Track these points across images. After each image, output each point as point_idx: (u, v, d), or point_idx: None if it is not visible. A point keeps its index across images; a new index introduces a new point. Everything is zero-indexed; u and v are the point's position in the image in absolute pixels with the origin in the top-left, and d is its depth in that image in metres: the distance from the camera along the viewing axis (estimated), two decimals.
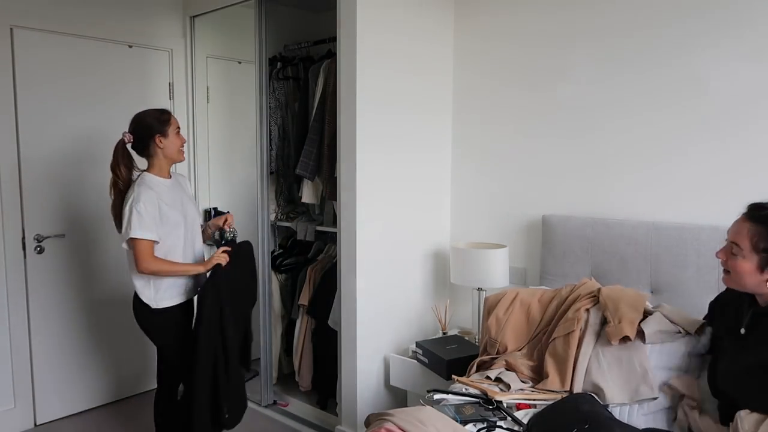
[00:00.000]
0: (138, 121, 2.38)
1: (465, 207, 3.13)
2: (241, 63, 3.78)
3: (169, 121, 2.38)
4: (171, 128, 2.38)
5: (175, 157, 2.43)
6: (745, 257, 1.48)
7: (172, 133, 2.38)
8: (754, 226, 1.48)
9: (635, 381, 1.89)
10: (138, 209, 2.24)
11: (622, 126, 2.54)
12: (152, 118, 2.36)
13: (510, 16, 2.87)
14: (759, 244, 1.46)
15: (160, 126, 2.36)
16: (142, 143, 2.37)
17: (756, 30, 2.19)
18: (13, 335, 2.99)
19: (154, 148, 2.36)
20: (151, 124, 2.35)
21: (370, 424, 1.82)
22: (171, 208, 2.37)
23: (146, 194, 2.28)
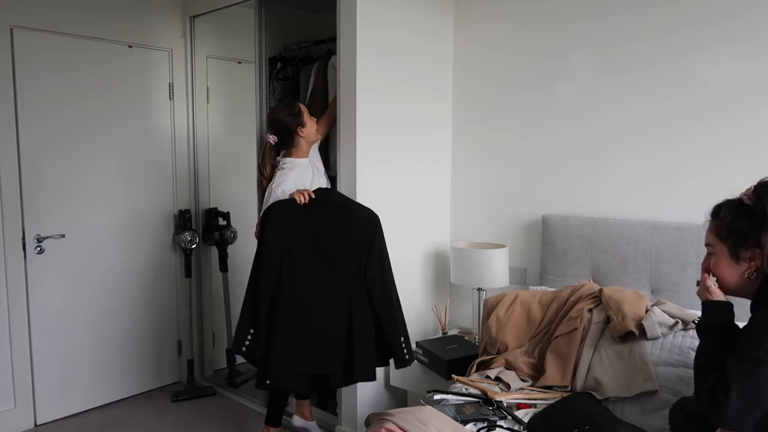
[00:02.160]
0: (278, 123, 2.64)
1: (465, 207, 3.13)
2: (241, 63, 3.78)
3: (301, 111, 2.63)
4: (305, 116, 2.63)
5: (314, 138, 2.70)
6: (718, 252, 1.52)
7: (307, 120, 2.63)
8: (714, 222, 1.55)
9: (635, 374, 1.90)
10: (276, 191, 2.51)
11: (622, 126, 2.54)
12: (288, 116, 2.61)
13: (509, 16, 2.87)
14: (722, 232, 1.51)
15: (297, 119, 2.61)
16: (287, 140, 2.64)
17: (756, 30, 2.19)
18: (13, 335, 2.99)
19: (298, 139, 2.63)
20: (290, 122, 2.61)
21: (370, 424, 1.82)
22: (310, 184, 2.60)
23: (289, 178, 2.55)
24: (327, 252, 2.40)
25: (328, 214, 2.45)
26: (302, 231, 2.40)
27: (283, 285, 2.34)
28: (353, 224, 2.45)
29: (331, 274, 2.39)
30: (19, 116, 2.95)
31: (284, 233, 2.39)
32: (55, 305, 3.13)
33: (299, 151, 2.66)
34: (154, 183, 3.50)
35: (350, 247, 2.41)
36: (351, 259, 2.40)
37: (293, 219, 2.40)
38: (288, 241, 2.38)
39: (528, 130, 2.84)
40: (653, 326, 1.97)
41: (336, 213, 2.47)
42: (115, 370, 3.40)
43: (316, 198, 2.45)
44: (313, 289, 2.37)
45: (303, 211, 2.41)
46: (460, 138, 3.11)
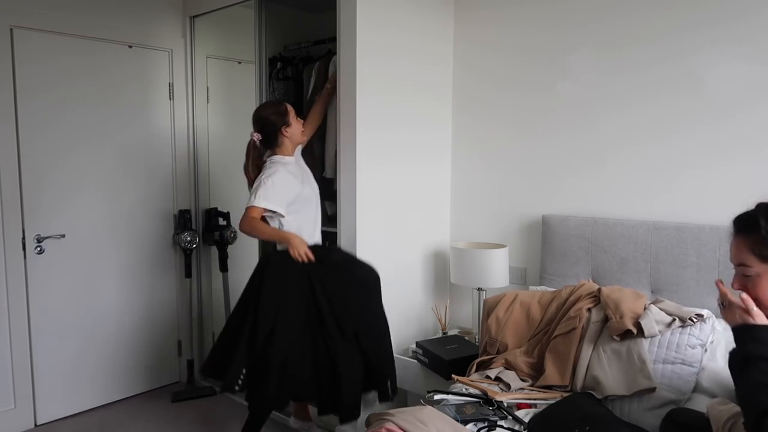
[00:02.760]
0: (262, 121, 2.56)
1: (465, 207, 3.13)
2: (241, 63, 3.78)
3: (287, 111, 2.56)
4: (291, 116, 2.56)
5: (299, 139, 2.63)
6: (759, 274, 1.34)
7: (293, 120, 2.56)
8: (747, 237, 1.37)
9: (633, 372, 1.91)
10: (266, 182, 2.42)
11: (622, 126, 2.54)
12: (273, 114, 2.55)
13: (509, 17, 2.87)
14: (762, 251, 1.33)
15: (282, 118, 2.54)
16: (271, 138, 2.56)
17: (756, 31, 2.19)
18: (13, 335, 2.98)
19: (282, 139, 2.56)
20: (275, 120, 2.54)
21: (370, 424, 1.82)
22: (301, 183, 2.55)
23: (280, 171, 2.47)
24: (321, 311, 2.39)
25: (327, 278, 2.43)
26: (302, 287, 2.40)
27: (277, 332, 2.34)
28: (351, 290, 2.46)
29: (322, 327, 2.39)
30: (19, 116, 2.95)
31: (284, 285, 2.39)
32: (55, 305, 3.13)
33: (284, 150, 2.60)
34: (154, 183, 3.50)
35: (345, 313, 2.41)
36: (343, 322, 2.40)
37: (295, 272, 2.40)
38: (287, 293, 2.38)
39: (528, 130, 2.84)
40: (651, 324, 1.98)
41: (336, 278, 2.45)
42: (115, 370, 3.40)
43: (318, 257, 2.43)
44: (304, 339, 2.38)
45: (305, 268, 2.41)
46: (460, 138, 3.11)
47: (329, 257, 2.51)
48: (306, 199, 2.57)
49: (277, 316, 2.35)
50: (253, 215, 2.41)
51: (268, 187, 2.42)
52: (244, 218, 2.41)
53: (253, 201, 2.40)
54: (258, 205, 2.40)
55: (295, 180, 2.54)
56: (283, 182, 2.47)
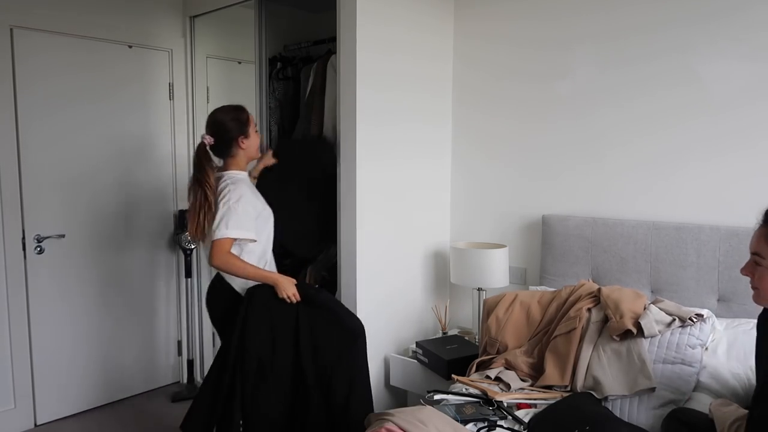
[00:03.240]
0: (218, 124, 2.28)
1: (465, 207, 3.13)
2: (241, 63, 3.77)
3: (248, 120, 2.30)
4: (251, 127, 2.31)
5: (255, 155, 2.38)
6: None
7: (252, 132, 2.32)
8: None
9: (634, 372, 1.91)
10: (236, 208, 2.15)
11: (622, 126, 2.54)
12: (232, 120, 2.27)
13: (509, 13, 2.87)
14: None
15: (241, 127, 2.28)
16: (223, 147, 2.28)
17: (756, 29, 2.19)
18: (13, 335, 2.98)
19: (237, 150, 2.28)
20: (232, 127, 2.27)
21: (370, 424, 1.82)
22: (261, 202, 2.34)
23: (246, 192, 2.22)
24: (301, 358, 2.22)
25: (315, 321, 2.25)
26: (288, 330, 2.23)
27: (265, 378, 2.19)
28: (336, 335, 2.28)
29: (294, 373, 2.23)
30: (19, 116, 2.95)
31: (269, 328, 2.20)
32: (55, 305, 3.13)
33: (238, 164, 2.31)
34: (154, 183, 3.50)
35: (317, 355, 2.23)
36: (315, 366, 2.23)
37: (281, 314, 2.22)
38: (273, 338, 2.20)
39: (528, 130, 2.84)
40: (650, 324, 1.97)
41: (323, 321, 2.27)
42: (115, 370, 3.40)
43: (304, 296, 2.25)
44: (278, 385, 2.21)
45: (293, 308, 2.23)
46: (461, 138, 3.11)
47: (317, 297, 2.30)
48: (266, 219, 2.34)
49: (263, 363, 2.17)
50: (227, 249, 2.14)
51: (239, 214, 2.15)
52: (216, 253, 2.12)
53: (226, 232, 2.12)
54: (232, 236, 2.13)
55: (256, 198, 2.32)
56: (250, 204, 2.23)
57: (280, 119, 3.39)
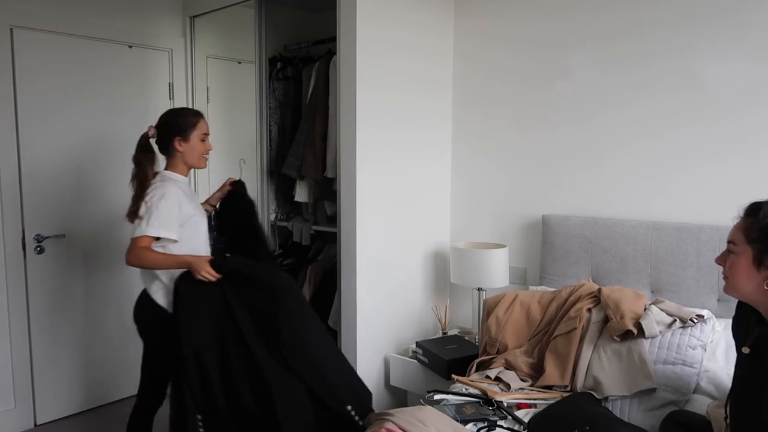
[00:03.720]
0: (164, 118, 2.28)
1: (465, 207, 3.13)
2: (241, 63, 3.77)
3: (194, 126, 2.25)
4: (195, 133, 2.25)
5: (194, 163, 2.30)
6: (740, 253, 1.40)
7: (194, 139, 2.26)
8: (747, 220, 1.42)
9: (634, 373, 1.91)
10: (158, 205, 2.10)
11: (622, 126, 2.54)
12: (177, 118, 2.25)
13: (509, 14, 2.87)
14: (751, 234, 1.38)
15: (183, 129, 2.23)
16: (162, 141, 2.26)
17: (756, 29, 2.19)
18: (13, 335, 2.98)
19: (174, 151, 2.25)
20: (173, 126, 2.24)
21: (370, 424, 1.82)
22: (194, 206, 2.29)
23: (171, 191, 2.16)
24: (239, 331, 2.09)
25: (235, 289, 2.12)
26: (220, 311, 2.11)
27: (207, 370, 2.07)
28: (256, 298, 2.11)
29: (244, 352, 2.07)
30: (19, 116, 2.95)
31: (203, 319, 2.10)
32: (54, 305, 3.13)
33: (177, 166, 2.28)
34: None
35: (256, 325, 2.09)
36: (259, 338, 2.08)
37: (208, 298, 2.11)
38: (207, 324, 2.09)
39: (528, 130, 2.84)
40: (651, 325, 1.97)
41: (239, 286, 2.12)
42: (115, 370, 3.39)
43: (222, 272, 2.12)
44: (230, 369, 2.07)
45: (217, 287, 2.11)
46: (461, 138, 3.11)
47: (227, 265, 2.17)
48: (196, 224, 2.27)
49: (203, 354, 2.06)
50: (142, 245, 2.09)
51: (161, 212, 2.10)
52: (131, 249, 2.09)
53: (146, 229, 2.07)
54: (151, 234, 2.08)
55: (187, 200, 2.25)
56: (176, 204, 2.16)
57: (280, 119, 3.39)
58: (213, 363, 2.06)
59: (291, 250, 3.58)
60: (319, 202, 3.33)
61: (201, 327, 2.10)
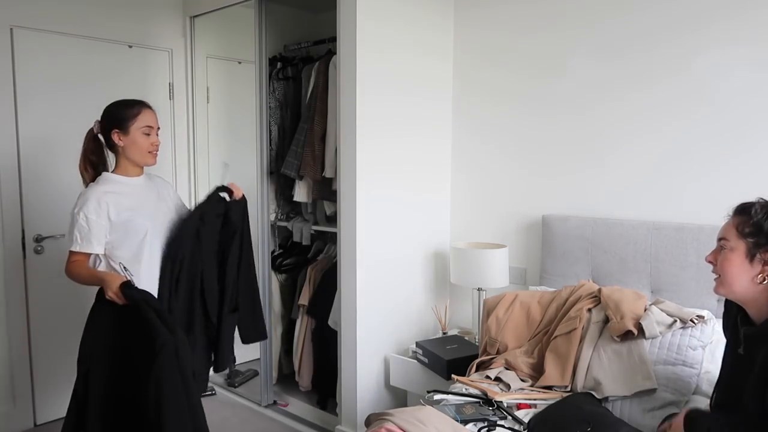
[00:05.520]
0: (103, 112, 2.08)
1: (465, 207, 3.13)
2: (241, 63, 3.78)
3: (134, 117, 2.04)
4: (134, 125, 2.03)
5: (139, 159, 2.08)
6: (733, 248, 1.43)
7: (135, 132, 2.04)
8: (738, 217, 1.45)
9: (634, 373, 1.91)
10: (77, 218, 1.97)
11: (622, 126, 2.54)
12: (117, 109, 2.05)
13: (510, 11, 2.87)
14: (744, 229, 1.41)
15: (121, 120, 2.03)
16: (104, 135, 2.07)
17: (755, 28, 2.19)
18: (13, 335, 2.98)
19: (114, 143, 2.05)
20: (111, 116, 2.05)
21: (370, 424, 1.82)
22: (133, 211, 2.04)
23: (91, 199, 1.98)
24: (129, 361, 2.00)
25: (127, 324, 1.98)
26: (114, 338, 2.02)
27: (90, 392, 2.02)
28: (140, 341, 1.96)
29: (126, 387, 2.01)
30: (18, 116, 2.95)
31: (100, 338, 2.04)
32: (54, 305, 3.13)
33: (122, 165, 2.08)
34: None
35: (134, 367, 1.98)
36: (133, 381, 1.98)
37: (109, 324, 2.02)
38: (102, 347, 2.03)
39: (529, 131, 2.84)
40: (651, 325, 1.97)
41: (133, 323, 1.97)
42: None
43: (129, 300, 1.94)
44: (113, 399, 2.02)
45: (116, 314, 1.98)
46: (461, 138, 3.11)
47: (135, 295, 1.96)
48: (135, 230, 2.04)
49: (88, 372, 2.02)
50: (74, 259, 2.01)
51: (81, 226, 1.96)
52: (66, 266, 2.03)
53: (73, 245, 1.98)
54: (75, 249, 1.98)
55: (125, 203, 2.04)
56: (98, 212, 1.98)
57: (280, 119, 3.39)
58: (99, 383, 2.01)
59: (291, 250, 3.59)
60: (318, 202, 3.33)
61: (96, 349, 2.03)
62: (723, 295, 1.51)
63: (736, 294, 1.47)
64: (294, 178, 3.22)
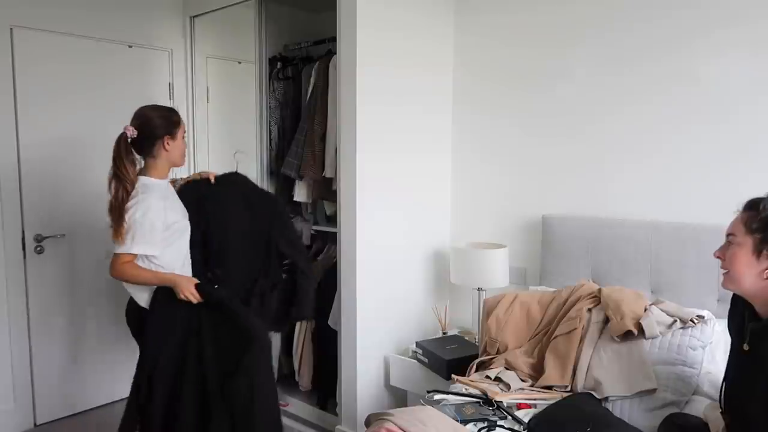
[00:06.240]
0: (145, 118, 2.13)
1: (465, 207, 3.13)
2: (241, 63, 3.77)
3: (179, 123, 2.20)
4: (180, 131, 2.19)
5: (178, 161, 2.23)
6: (740, 243, 1.44)
7: (180, 137, 2.19)
8: (747, 213, 1.45)
9: (634, 373, 1.91)
10: (142, 222, 2.03)
11: (621, 126, 2.54)
12: (162, 118, 2.15)
13: (510, 16, 2.87)
14: (752, 225, 1.42)
15: (170, 127, 2.15)
16: (147, 143, 2.13)
17: (754, 28, 2.19)
18: (13, 335, 2.98)
19: (159, 150, 2.14)
20: (159, 125, 2.13)
21: (370, 424, 1.82)
22: (177, 213, 2.19)
23: (153, 204, 2.06)
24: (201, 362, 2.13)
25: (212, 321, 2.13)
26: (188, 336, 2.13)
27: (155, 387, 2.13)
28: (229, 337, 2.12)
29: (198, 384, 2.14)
30: (18, 116, 2.95)
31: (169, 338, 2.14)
32: (54, 305, 3.13)
33: (158, 168, 2.17)
34: None
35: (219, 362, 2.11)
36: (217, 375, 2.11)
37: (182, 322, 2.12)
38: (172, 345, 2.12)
39: (529, 131, 2.84)
40: (652, 325, 1.97)
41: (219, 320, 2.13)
42: (114, 370, 3.39)
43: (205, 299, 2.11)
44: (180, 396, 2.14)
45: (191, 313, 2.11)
46: (461, 138, 3.11)
47: (214, 294, 2.15)
48: (182, 230, 2.20)
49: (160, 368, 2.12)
50: (125, 261, 2.06)
51: (146, 230, 2.03)
52: (114, 264, 2.06)
53: (130, 247, 2.03)
54: (135, 252, 2.05)
55: (170, 208, 2.17)
56: (158, 217, 2.08)
57: (280, 119, 3.39)
58: (164, 384, 2.10)
59: None
60: (318, 202, 3.33)
61: (165, 347, 2.12)
62: (731, 290, 1.51)
63: (743, 289, 1.47)
64: (294, 178, 3.22)
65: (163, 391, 2.10)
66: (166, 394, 2.10)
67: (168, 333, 2.12)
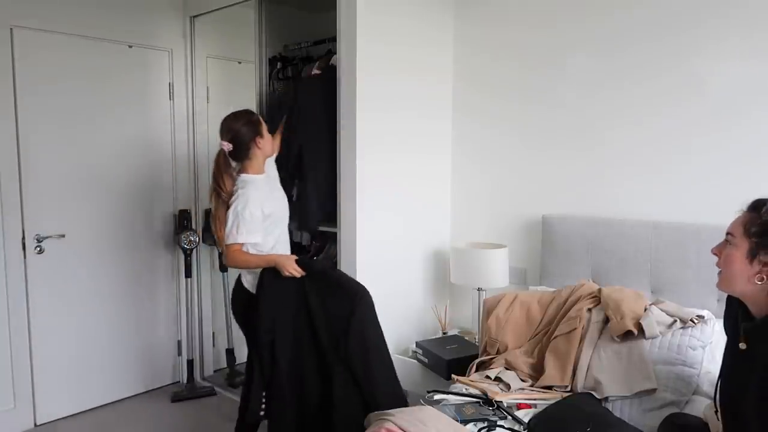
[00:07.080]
0: (233, 131, 2.36)
1: (465, 207, 3.13)
2: (241, 63, 3.77)
3: (260, 120, 2.41)
4: (263, 127, 2.40)
5: (270, 152, 2.48)
6: (737, 245, 1.44)
7: (265, 132, 2.40)
8: (748, 214, 1.45)
9: (634, 373, 1.91)
10: (243, 215, 2.28)
11: (621, 126, 2.54)
12: (244, 126, 2.36)
13: (509, 20, 2.87)
14: (750, 228, 1.42)
15: (255, 128, 2.37)
16: (243, 150, 2.37)
17: (754, 27, 2.19)
18: (13, 335, 2.98)
19: (254, 151, 2.37)
20: (246, 132, 2.35)
21: (370, 424, 1.82)
22: (274, 203, 2.44)
23: (252, 197, 2.31)
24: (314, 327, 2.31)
25: (317, 289, 2.34)
26: (299, 306, 2.34)
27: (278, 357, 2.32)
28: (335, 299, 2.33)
29: (315, 348, 2.32)
30: (18, 116, 2.95)
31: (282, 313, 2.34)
32: (54, 305, 3.13)
33: (254, 165, 2.41)
34: (154, 183, 3.50)
35: (330, 324, 2.30)
36: (330, 336, 2.29)
37: (291, 295, 2.33)
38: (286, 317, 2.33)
39: (529, 131, 2.84)
40: (652, 325, 1.97)
41: (322, 286, 2.35)
42: (114, 370, 3.39)
43: (307, 271, 2.34)
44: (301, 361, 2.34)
45: (298, 285, 2.33)
46: (461, 138, 3.11)
47: (315, 267, 2.43)
48: (277, 220, 2.46)
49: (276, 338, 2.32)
50: (234, 250, 2.32)
51: (247, 221, 2.29)
52: (228, 254, 2.34)
53: (237, 238, 2.29)
54: (241, 241, 2.30)
55: (267, 198, 2.41)
56: (257, 208, 2.33)
57: None
58: (284, 353, 2.32)
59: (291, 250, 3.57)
60: None
61: (279, 319, 2.32)
62: (723, 290, 1.52)
63: (735, 291, 1.49)
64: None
65: (286, 357, 2.31)
66: (287, 360, 2.31)
67: (281, 305, 2.33)
